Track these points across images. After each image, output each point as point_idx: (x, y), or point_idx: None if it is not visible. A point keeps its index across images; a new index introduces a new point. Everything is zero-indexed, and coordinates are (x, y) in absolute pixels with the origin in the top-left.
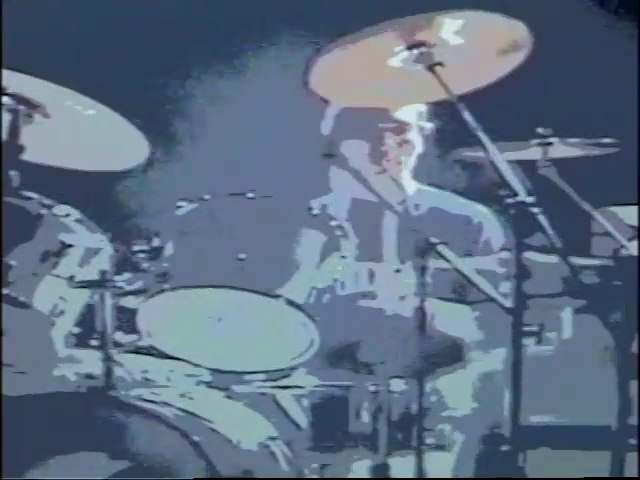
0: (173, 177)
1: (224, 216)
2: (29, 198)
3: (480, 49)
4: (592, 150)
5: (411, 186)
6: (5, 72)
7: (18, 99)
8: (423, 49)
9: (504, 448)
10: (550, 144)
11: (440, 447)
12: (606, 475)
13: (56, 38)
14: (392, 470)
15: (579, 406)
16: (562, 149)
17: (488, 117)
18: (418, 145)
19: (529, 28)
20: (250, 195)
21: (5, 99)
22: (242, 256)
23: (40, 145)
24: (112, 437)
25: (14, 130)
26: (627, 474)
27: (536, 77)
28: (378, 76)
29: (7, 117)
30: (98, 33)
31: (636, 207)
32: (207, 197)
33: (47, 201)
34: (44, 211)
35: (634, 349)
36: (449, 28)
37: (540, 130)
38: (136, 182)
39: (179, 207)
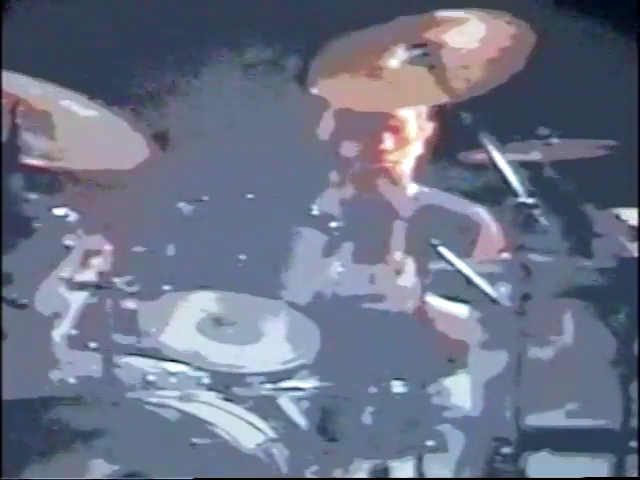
0: (173, 178)
1: (224, 217)
2: (28, 199)
3: (482, 49)
4: (593, 151)
5: (410, 187)
6: (4, 73)
7: (17, 100)
8: (424, 49)
9: (506, 451)
10: (551, 145)
11: (441, 449)
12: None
13: (55, 38)
14: (392, 472)
15: (581, 408)
16: (563, 150)
17: (489, 118)
18: (417, 146)
19: (531, 27)
20: (250, 196)
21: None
22: (242, 257)
23: (39, 146)
24: (111, 439)
25: (14, 131)
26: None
27: (537, 77)
28: (378, 77)
29: (7, 118)
30: (97, 32)
31: (637, 209)
32: (207, 198)
33: (47, 202)
34: (43, 212)
35: (635, 351)
36: (450, 28)
37: (541, 131)
38: (136, 183)
39: (179, 208)
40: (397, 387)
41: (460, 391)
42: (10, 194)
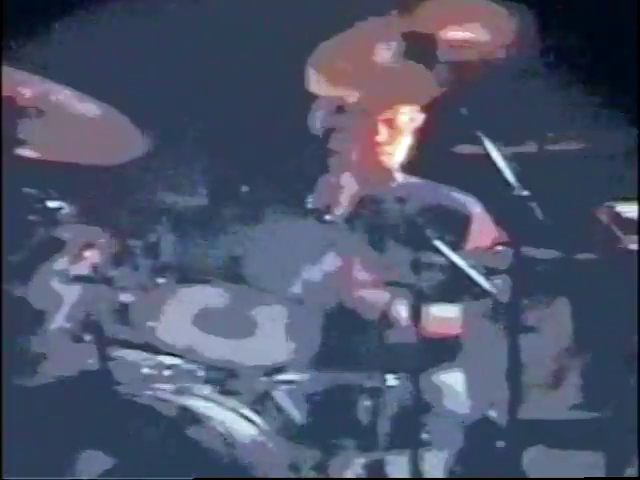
0: (170, 172)
1: (221, 212)
2: (23, 192)
3: (477, 42)
4: (591, 145)
5: (402, 178)
6: (4, 69)
7: (15, 95)
8: (418, 43)
9: (501, 445)
10: (548, 139)
11: (436, 444)
12: (603, 474)
13: (54, 36)
14: (388, 467)
15: (578, 403)
16: (560, 144)
17: (486, 111)
18: (408, 137)
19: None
20: (245, 189)
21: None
22: (239, 252)
23: (36, 140)
24: (107, 432)
25: (11, 125)
26: (626, 474)
27: (535, 75)
28: (372, 70)
29: (4, 112)
30: (95, 30)
31: (635, 203)
32: (204, 193)
33: (42, 195)
34: (39, 205)
35: (634, 345)
36: (445, 21)
37: (538, 125)
38: (132, 177)
39: (176, 202)
40: (392, 381)
41: (455, 385)
42: (5, 187)
